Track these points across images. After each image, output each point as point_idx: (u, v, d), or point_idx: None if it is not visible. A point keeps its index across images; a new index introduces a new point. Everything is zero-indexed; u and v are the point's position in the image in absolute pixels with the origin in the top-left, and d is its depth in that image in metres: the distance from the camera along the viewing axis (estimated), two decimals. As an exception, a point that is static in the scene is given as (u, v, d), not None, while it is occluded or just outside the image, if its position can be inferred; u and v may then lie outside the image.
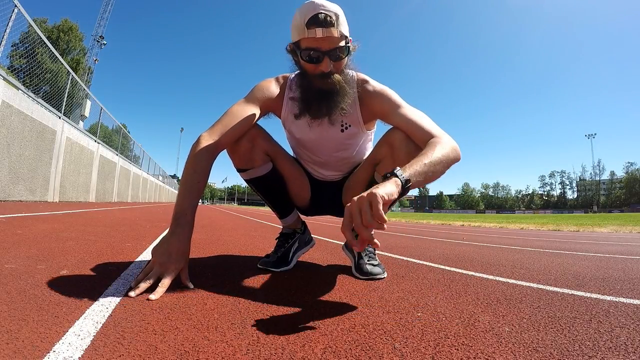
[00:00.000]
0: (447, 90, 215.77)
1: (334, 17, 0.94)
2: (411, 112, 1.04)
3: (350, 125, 1.15)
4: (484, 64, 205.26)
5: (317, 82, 1.02)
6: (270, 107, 1.15)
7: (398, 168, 0.79)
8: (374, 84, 1.11)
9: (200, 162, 0.97)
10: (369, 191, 0.70)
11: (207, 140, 0.99)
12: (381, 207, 0.67)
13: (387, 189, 0.72)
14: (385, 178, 0.77)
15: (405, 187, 0.77)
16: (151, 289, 0.82)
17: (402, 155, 1.04)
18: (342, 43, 0.98)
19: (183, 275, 0.93)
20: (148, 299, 0.78)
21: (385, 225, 0.67)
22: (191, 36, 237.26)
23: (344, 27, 0.98)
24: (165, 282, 0.85)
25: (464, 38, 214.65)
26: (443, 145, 0.91)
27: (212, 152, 1.00)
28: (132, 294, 0.79)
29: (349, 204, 0.71)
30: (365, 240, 0.68)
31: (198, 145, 0.98)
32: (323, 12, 0.93)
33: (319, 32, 0.93)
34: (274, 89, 1.14)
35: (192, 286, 0.91)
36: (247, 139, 1.11)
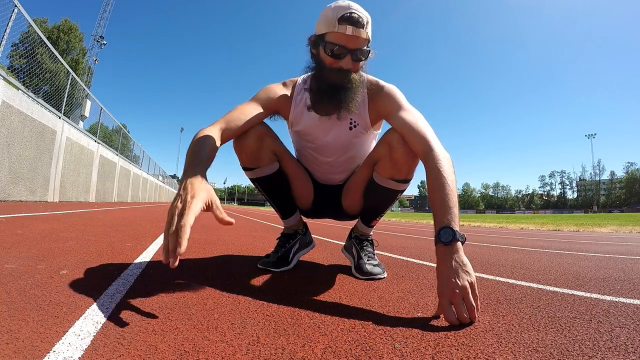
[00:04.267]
0: (446, 90, 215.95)
1: (364, 20, 0.98)
2: (410, 115, 1.04)
3: (358, 124, 1.17)
4: (484, 64, 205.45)
5: (332, 76, 1.03)
6: (277, 108, 1.16)
7: (452, 228, 0.80)
8: (383, 84, 1.13)
9: (206, 137, 0.92)
10: (467, 281, 0.74)
11: (208, 129, 0.97)
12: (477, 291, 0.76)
13: (467, 266, 0.77)
14: (448, 243, 0.79)
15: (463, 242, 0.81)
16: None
17: (399, 155, 1.05)
18: (365, 47, 1.01)
19: (215, 207, 0.74)
20: (170, 264, 0.62)
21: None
22: (191, 36, 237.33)
23: (370, 33, 1.01)
24: (187, 219, 0.66)
25: (463, 37, 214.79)
26: (445, 166, 0.90)
27: (217, 135, 0.96)
28: (167, 262, 0.63)
29: (449, 298, 0.74)
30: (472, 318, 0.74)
31: (200, 132, 0.95)
32: (357, 13, 0.96)
33: (349, 30, 0.96)
34: (281, 91, 1.17)
35: (229, 219, 0.72)
36: (255, 137, 1.10)
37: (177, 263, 0.63)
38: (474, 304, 0.73)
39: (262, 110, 1.10)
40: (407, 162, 1.07)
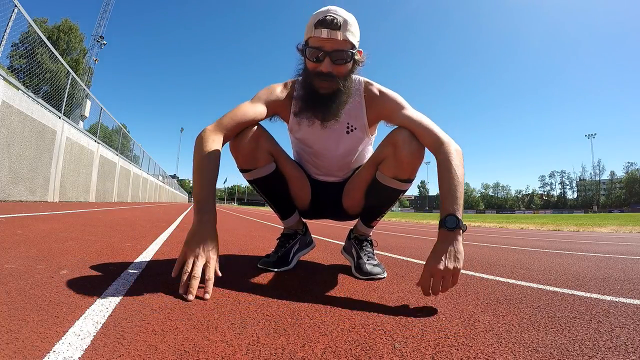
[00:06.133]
0: (446, 90, 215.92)
1: (341, 21, 0.98)
2: (416, 113, 1.07)
3: (355, 128, 1.17)
4: (483, 63, 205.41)
5: (316, 82, 1.04)
6: (276, 109, 1.16)
7: (457, 216, 0.90)
8: (379, 87, 1.15)
9: (210, 145, 0.97)
10: (453, 267, 0.84)
11: (213, 127, 1.01)
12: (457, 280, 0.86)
13: (460, 254, 0.87)
14: (452, 229, 0.89)
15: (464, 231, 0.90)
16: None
17: (405, 155, 1.06)
18: (347, 48, 1.01)
19: (216, 265, 0.92)
20: (204, 299, 0.80)
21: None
22: (191, 36, 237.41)
23: (351, 35, 1.00)
24: (211, 274, 0.86)
25: (462, 37, 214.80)
26: (456, 159, 0.97)
27: (219, 138, 1.00)
28: (190, 297, 0.79)
29: (432, 272, 0.85)
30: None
31: (205, 132, 1.00)
32: (332, 15, 0.98)
33: (324, 33, 0.98)
34: (281, 92, 1.16)
35: (220, 274, 0.92)
36: (251, 138, 1.10)
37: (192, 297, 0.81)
38: (448, 288, 0.84)
39: (262, 110, 1.10)
40: (412, 161, 1.07)
